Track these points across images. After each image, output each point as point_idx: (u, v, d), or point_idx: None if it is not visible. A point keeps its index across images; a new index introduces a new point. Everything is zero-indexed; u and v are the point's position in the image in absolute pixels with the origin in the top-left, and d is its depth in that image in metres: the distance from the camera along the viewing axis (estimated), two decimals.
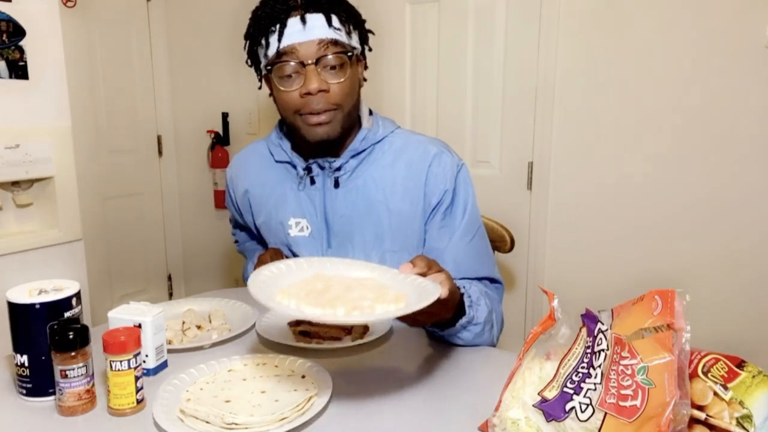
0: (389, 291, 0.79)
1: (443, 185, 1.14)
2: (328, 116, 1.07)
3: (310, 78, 1.04)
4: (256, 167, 1.27)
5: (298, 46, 1.04)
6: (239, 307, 1.17)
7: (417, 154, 1.16)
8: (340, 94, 1.07)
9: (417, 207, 1.14)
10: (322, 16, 1.04)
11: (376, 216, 1.15)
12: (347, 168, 1.16)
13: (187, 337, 1.04)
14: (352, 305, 0.73)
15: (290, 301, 0.74)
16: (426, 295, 0.75)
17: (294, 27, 1.04)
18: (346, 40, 1.07)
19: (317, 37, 1.04)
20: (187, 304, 1.19)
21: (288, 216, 1.20)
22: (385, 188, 1.15)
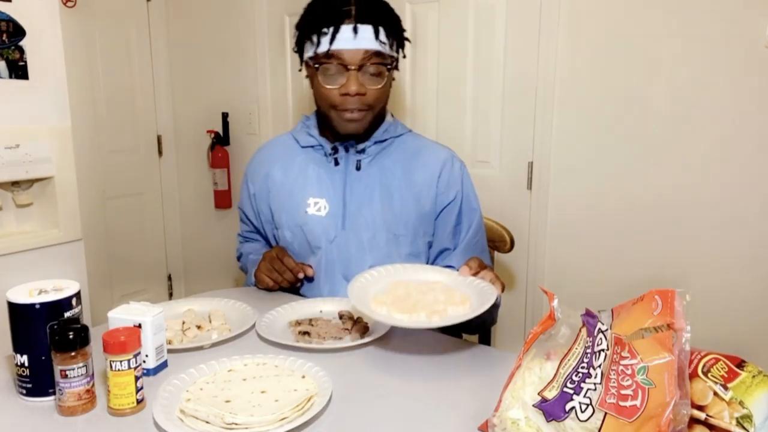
0: (455, 293, 0.99)
1: (454, 188, 1.30)
2: (360, 115, 1.21)
3: (351, 81, 1.18)
4: (281, 155, 1.37)
5: (345, 51, 1.16)
6: (239, 307, 1.17)
7: (431, 157, 1.32)
8: (374, 98, 1.21)
9: (428, 201, 1.28)
10: (372, 28, 1.16)
11: (390, 202, 1.27)
12: (370, 152, 1.29)
13: (187, 337, 1.04)
14: (430, 309, 0.91)
15: (382, 308, 0.92)
16: (486, 296, 0.95)
17: (346, 34, 1.16)
18: (387, 52, 1.20)
19: (364, 47, 1.16)
20: (187, 304, 1.19)
21: (307, 196, 1.30)
22: (401, 178, 1.29)
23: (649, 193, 1.74)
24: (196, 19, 2.80)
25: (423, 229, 1.29)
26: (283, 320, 1.13)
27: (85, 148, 2.60)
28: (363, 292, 0.97)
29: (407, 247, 1.28)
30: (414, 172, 1.29)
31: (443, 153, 1.33)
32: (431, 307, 0.91)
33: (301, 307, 1.19)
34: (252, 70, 2.61)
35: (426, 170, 1.29)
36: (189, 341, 1.03)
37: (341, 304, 1.21)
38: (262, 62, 2.57)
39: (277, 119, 2.59)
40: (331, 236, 1.28)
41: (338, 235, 1.27)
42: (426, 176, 1.29)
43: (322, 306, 1.20)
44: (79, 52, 2.57)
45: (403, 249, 1.27)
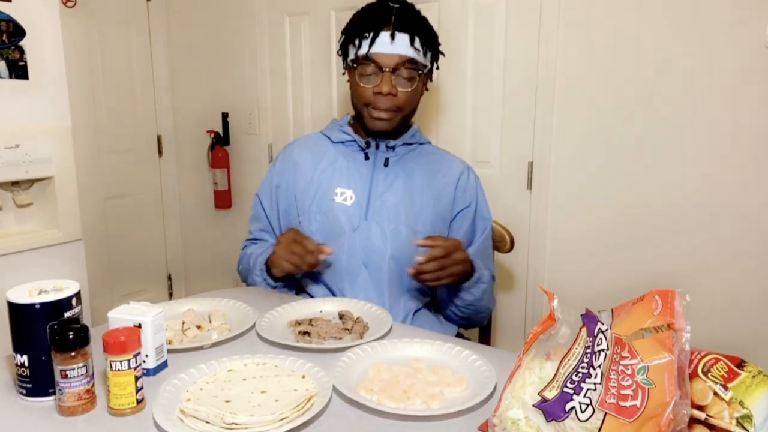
0: (446, 371, 0.92)
1: (469, 197, 1.41)
2: (389, 114, 1.32)
3: (385, 81, 1.29)
4: (311, 148, 1.44)
5: (382, 55, 1.28)
6: (239, 307, 1.17)
7: (450, 166, 1.44)
8: (404, 100, 1.31)
9: (446, 203, 1.39)
10: (408, 36, 1.28)
11: (411, 199, 1.36)
12: (398, 152, 1.39)
13: (187, 337, 1.04)
14: (425, 394, 0.84)
15: (372, 396, 0.84)
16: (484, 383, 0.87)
17: (384, 39, 1.27)
18: (421, 59, 1.31)
19: (399, 52, 1.28)
20: (187, 304, 1.20)
21: (335, 186, 1.37)
22: (423, 180, 1.38)
23: (649, 192, 1.74)
24: (196, 19, 2.80)
25: (439, 229, 1.37)
26: (283, 320, 1.13)
27: (85, 148, 2.60)
28: (345, 380, 0.88)
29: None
30: (434, 177, 1.39)
31: (461, 164, 1.45)
32: (425, 392, 0.85)
33: (301, 307, 1.19)
34: (252, 70, 2.61)
35: (445, 177, 1.40)
36: (189, 341, 1.03)
37: (341, 304, 1.21)
38: (262, 62, 2.57)
39: (277, 119, 2.59)
40: (354, 225, 1.34)
41: (361, 225, 1.34)
42: (445, 182, 1.39)
43: (322, 306, 1.20)
44: (79, 52, 2.57)
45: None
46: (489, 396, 0.83)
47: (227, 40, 2.69)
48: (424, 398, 0.83)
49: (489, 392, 0.83)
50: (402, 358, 0.97)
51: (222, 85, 2.75)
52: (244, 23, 2.60)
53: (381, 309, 1.17)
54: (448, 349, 0.98)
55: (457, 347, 0.98)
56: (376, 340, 1.02)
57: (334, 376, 0.87)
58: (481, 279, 1.29)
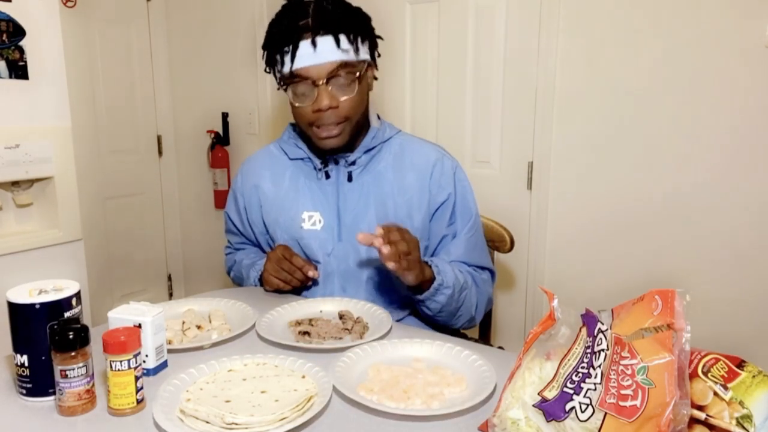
0: (446, 371, 0.91)
1: (446, 188, 1.26)
2: (338, 129, 1.18)
3: (321, 96, 1.14)
4: (270, 166, 1.34)
5: (309, 68, 1.12)
6: (239, 307, 1.17)
7: (421, 158, 1.28)
8: (349, 109, 1.17)
9: (422, 204, 1.26)
10: (332, 38, 1.11)
11: (384, 209, 1.25)
12: (360, 163, 1.26)
13: (187, 337, 1.04)
14: (425, 394, 0.84)
15: (372, 396, 0.83)
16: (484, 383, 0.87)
17: (305, 50, 1.12)
18: (354, 58, 1.15)
19: (327, 60, 1.12)
20: (187, 304, 1.19)
21: (301, 210, 1.28)
22: (393, 184, 1.26)
23: (649, 192, 1.74)
24: (196, 20, 2.80)
25: (419, 233, 1.24)
26: (283, 320, 1.13)
27: (85, 148, 2.60)
28: (345, 380, 0.88)
29: None
30: (405, 176, 1.26)
31: (434, 152, 1.29)
32: (425, 392, 0.84)
33: (301, 307, 1.19)
34: (252, 70, 2.61)
35: (416, 170, 1.26)
36: (189, 341, 1.03)
37: (341, 304, 1.21)
38: (262, 62, 2.56)
39: (277, 119, 2.59)
40: (328, 249, 1.26)
41: (335, 247, 1.26)
42: (417, 178, 1.26)
43: (322, 306, 1.20)
44: (79, 52, 2.57)
45: None
46: (489, 396, 0.83)
47: (227, 40, 2.69)
48: (424, 398, 0.83)
49: (489, 392, 0.83)
50: (402, 358, 0.97)
51: (222, 85, 2.75)
52: (244, 23, 2.60)
53: (381, 309, 1.17)
54: (448, 349, 0.98)
55: (457, 347, 0.98)
56: (376, 340, 1.02)
57: (334, 376, 0.87)
58: (444, 284, 1.15)
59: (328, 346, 1.01)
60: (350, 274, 1.27)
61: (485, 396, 0.82)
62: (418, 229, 1.25)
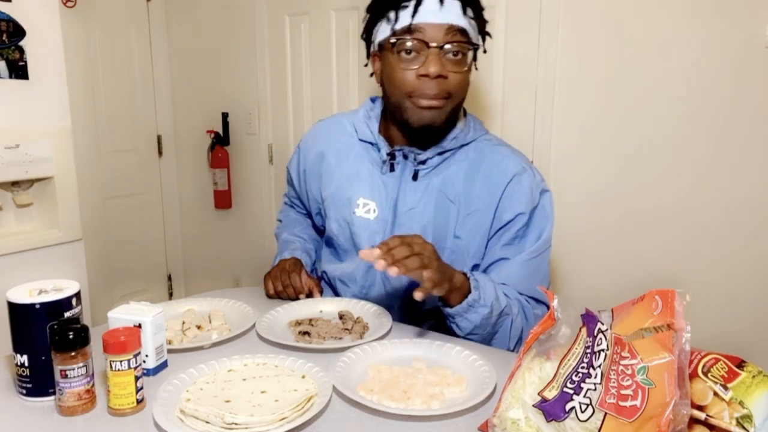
0: (446, 371, 0.91)
1: (518, 207, 1.13)
2: (439, 102, 1.07)
3: (431, 61, 1.04)
4: (338, 138, 1.26)
5: (428, 26, 1.03)
6: (239, 307, 1.17)
7: (498, 169, 1.15)
8: (455, 84, 1.07)
9: (485, 220, 1.14)
10: (459, 3, 1.04)
11: (443, 218, 1.15)
12: (430, 163, 1.16)
13: (187, 337, 1.04)
14: (425, 394, 0.83)
15: (372, 396, 0.82)
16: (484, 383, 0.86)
17: (430, 6, 1.03)
18: (472, 33, 1.08)
19: (449, 21, 1.04)
20: (187, 304, 1.19)
21: (358, 195, 1.21)
22: (460, 193, 1.15)
23: (649, 192, 1.74)
24: (196, 19, 2.80)
25: (473, 250, 1.15)
26: (283, 320, 1.13)
27: (85, 148, 2.60)
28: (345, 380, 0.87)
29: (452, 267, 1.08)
30: (475, 187, 1.15)
31: (513, 167, 1.15)
32: (425, 392, 0.84)
33: (301, 308, 1.19)
34: (252, 70, 2.61)
35: (489, 183, 1.14)
36: (189, 341, 1.03)
37: (341, 304, 1.21)
38: (262, 62, 2.57)
39: (277, 119, 2.59)
40: (375, 242, 1.16)
41: None
42: (488, 192, 1.14)
43: (322, 306, 1.20)
44: (79, 52, 2.57)
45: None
46: (489, 396, 0.83)
47: (227, 40, 2.69)
48: (424, 398, 0.83)
49: (489, 392, 0.83)
50: (402, 358, 0.97)
51: (222, 85, 2.75)
52: (244, 23, 2.60)
53: (381, 309, 1.17)
54: (448, 349, 0.98)
55: (457, 347, 0.98)
56: (376, 340, 1.02)
57: (334, 376, 0.87)
58: (481, 302, 1.02)
59: (328, 346, 1.01)
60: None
61: (485, 396, 0.82)
62: (475, 245, 1.15)
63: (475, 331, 1.06)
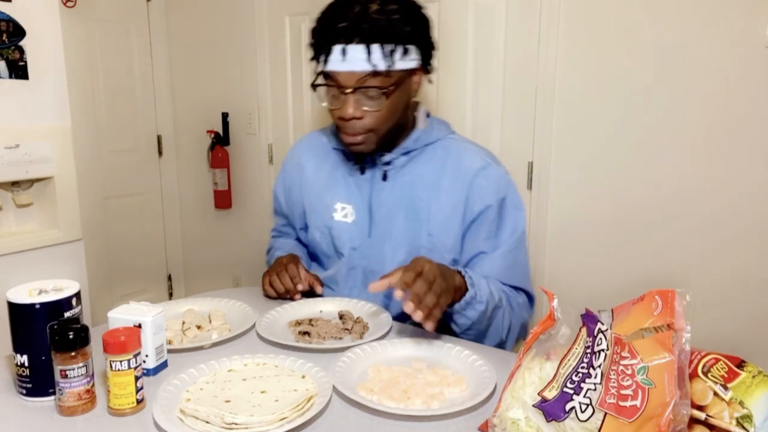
0: (446, 371, 0.91)
1: (488, 199, 1.17)
2: (362, 138, 1.14)
3: (346, 105, 1.11)
4: (315, 150, 1.34)
5: (338, 74, 1.09)
6: (239, 307, 1.17)
7: (464, 164, 1.20)
8: (374, 122, 1.12)
9: (457, 213, 1.18)
10: (363, 48, 1.06)
11: (417, 213, 1.20)
12: (396, 164, 1.22)
13: (187, 337, 1.04)
14: (425, 394, 0.83)
15: (372, 396, 0.83)
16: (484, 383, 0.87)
17: (336, 56, 1.08)
18: (386, 70, 1.08)
19: (354, 69, 1.08)
20: (187, 304, 1.19)
21: (335, 200, 1.27)
22: (430, 189, 1.20)
23: (649, 192, 1.74)
24: (196, 19, 2.80)
25: (449, 244, 1.18)
26: (283, 320, 1.13)
27: (85, 148, 2.60)
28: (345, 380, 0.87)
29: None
30: (444, 181, 1.19)
31: (480, 159, 1.20)
32: (425, 392, 0.84)
33: (301, 307, 1.19)
34: (252, 70, 2.61)
35: (457, 178, 1.19)
36: (189, 341, 1.03)
37: (341, 304, 1.21)
38: (262, 62, 2.57)
39: (277, 119, 2.59)
40: (356, 243, 1.24)
41: (363, 243, 1.24)
42: (456, 186, 1.18)
43: (322, 306, 1.20)
44: (79, 52, 2.57)
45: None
46: (489, 396, 0.83)
47: (227, 40, 2.69)
48: (424, 398, 0.83)
49: (489, 392, 0.83)
50: (402, 358, 0.97)
51: (222, 85, 2.75)
52: (244, 23, 2.60)
53: (381, 309, 1.17)
54: (448, 349, 0.98)
55: (457, 347, 0.98)
56: (376, 341, 1.02)
57: (334, 376, 0.87)
58: (477, 299, 1.05)
59: (328, 346, 1.01)
60: (374, 271, 1.22)
61: (485, 396, 0.82)
62: (450, 239, 1.19)
63: (472, 326, 1.09)
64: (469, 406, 0.80)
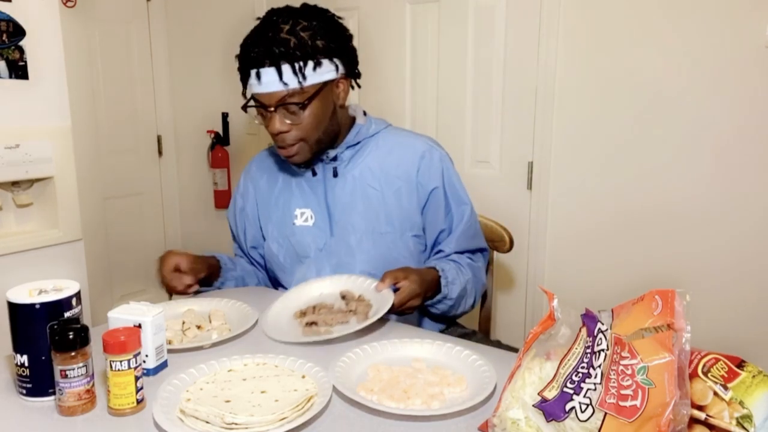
0: (446, 371, 0.92)
1: (435, 180, 1.28)
2: (295, 149, 1.21)
3: (272, 122, 1.18)
4: (267, 166, 1.39)
5: (259, 96, 1.19)
6: (239, 307, 1.17)
7: (408, 151, 1.29)
8: (301, 133, 1.19)
9: (411, 197, 1.27)
10: (274, 70, 1.14)
11: (372, 203, 1.27)
12: (343, 158, 1.28)
13: (187, 337, 1.04)
14: (426, 394, 0.84)
15: (372, 396, 0.83)
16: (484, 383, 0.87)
17: (253, 80, 1.18)
18: (299, 87, 1.15)
19: (270, 90, 1.16)
20: (187, 304, 1.19)
21: (293, 207, 1.31)
22: (380, 178, 1.28)
23: (649, 192, 1.74)
24: (196, 19, 2.80)
25: (409, 224, 1.27)
26: (287, 313, 1.12)
27: (85, 148, 2.59)
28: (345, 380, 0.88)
29: (395, 245, 1.27)
30: (392, 168, 1.28)
31: (422, 145, 1.29)
32: (425, 392, 0.85)
33: (301, 293, 1.18)
34: None
35: (402, 164, 1.27)
36: (189, 341, 1.03)
37: (340, 283, 1.19)
38: None
39: None
40: (320, 244, 1.28)
41: (328, 242, 1.28)
42: (404, 171, 1.27)
43: (320, 289, 1.19)
44: (79, 52, 2.57)
45: (392, 248, 1.27)
46: (489, 396, 0.83)
47: (227, 40, 2.68)
48: (424, 398, 0.83)
49: (489, 392, 0.83)
50: (402, 358, 0.97)
51: (222, 85, 2.75)
52: (244, 23, 2.60)
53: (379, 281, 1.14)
54: (448, 349, 0.98)
55: (457, 347, 0.98)
56: (376, 341, 1.01)
57: (334, 376, 0.87)
58: (448, 297, 1.21)
59: (338, 334, 1.01)
60: (343, 268, 1.26)
61: (485, 396, 0.82)
62: (409, 220, 1.27)
63: (449, 311, 1.25)
64: (469, 406, 0.80)
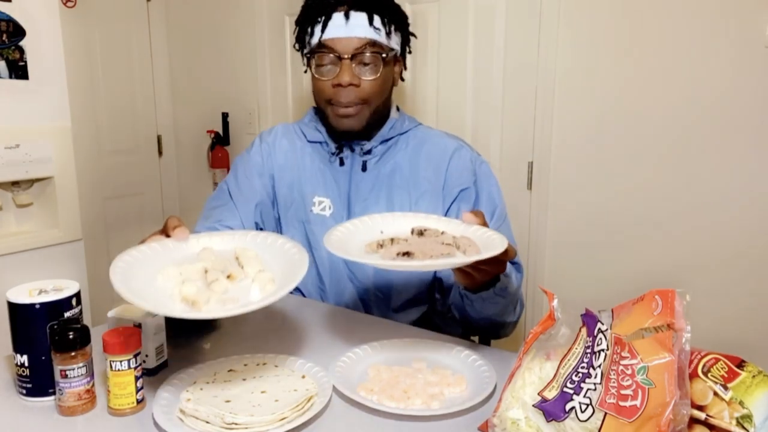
0: (446, 371, 0.91)
1: (465, 180, 1.21)
2: (355, 109, 1.15)
3: (343, 71, 1.12)
4: (289, 144, 1.31)
5: (338, 40, 1.12)
6: (278, 245, 0.81)
7: (438, 149, 1.24)
8: (369, 91, 1.15)
9: (437, 199, 1.21)
10: (365, 15, 1.11)
11: (397, 203, 1.22)
12: (376, 152, 1.23)
13: (216, 292, 0.73)
14: (425, 394, 0.83)
15: (372, 396, 0.83)
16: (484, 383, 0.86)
17: (337, 21, 1.11)
18: (384, 41, 1.14)
19: (357, 35, 1.11)
20: (199, 241, 0.86)
21: (313, 194, 1.25)
22: (408, 177, 1.23)
23: (649, 192, 1.74)
24: (196, 19, 2.80)
25: None
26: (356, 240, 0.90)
27: (85, 148, 2.60)
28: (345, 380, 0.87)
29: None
30: (421, 168, 1.22)
31: (453, 143, 1.24)
32: (425, 392, 0.84)
33: (357, 230, 0.94)
34: (252, 70, 2.61)
35: (432, 162, 1.22)
36: (220, 300, 0.71)
37: (406, 219, 0.97)
38: (262, 62, 2.57)
39: (277, 119, 2.58)
40: None
41: None
42: (433, 171, 1.21)
43: (380, 226, 0.96)
44: (79, 52, 2.57)
45: None
46: (489, 396, 0.83)
47: (227, 40, 2.69)
48: (424, 398, 0.83)
49: (489, 392, 0.83)
50: (402, 358, 0.97)
51: (222, 85, 2.75)
52: (244, 23, 2.60)
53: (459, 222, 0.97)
54: (448, 349, 0.98)
55: (457, 347, 0.98)
56: (376, 341, 1.01)
57: (334, 376, 0.87)
58: (507, 290, 1.03)
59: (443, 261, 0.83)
60: (356, 266, 1.21)
61: (485, 396, 0.82)
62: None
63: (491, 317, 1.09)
64: (469, 406, 0.80)
